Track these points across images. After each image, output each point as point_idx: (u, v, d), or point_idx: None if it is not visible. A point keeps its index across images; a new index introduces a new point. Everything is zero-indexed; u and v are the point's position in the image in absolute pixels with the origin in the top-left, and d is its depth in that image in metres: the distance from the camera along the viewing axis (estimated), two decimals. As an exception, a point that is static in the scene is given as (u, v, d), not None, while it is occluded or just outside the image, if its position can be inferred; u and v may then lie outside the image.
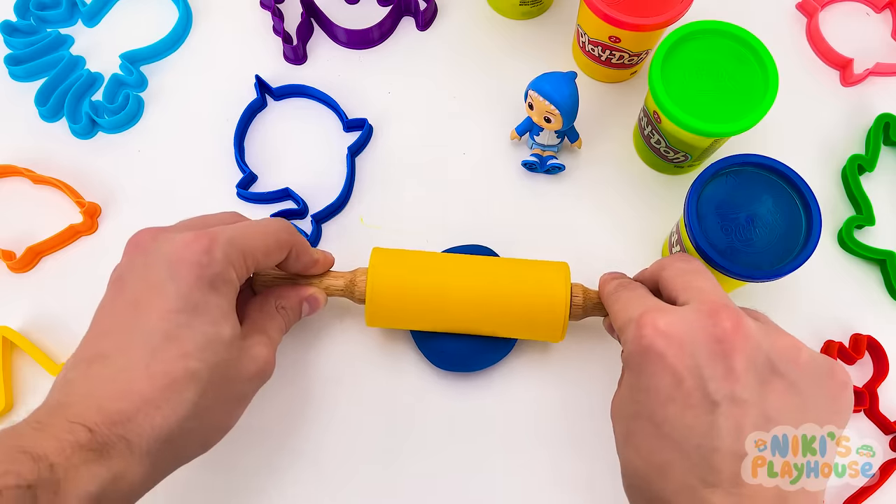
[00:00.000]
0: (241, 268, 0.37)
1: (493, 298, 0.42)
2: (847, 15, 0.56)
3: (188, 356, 0.33)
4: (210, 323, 0.35)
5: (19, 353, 0.47)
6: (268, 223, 0.40)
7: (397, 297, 0.42)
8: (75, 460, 0.30)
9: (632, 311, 0.35)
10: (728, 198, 0.42)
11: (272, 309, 0.41)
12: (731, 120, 0.43)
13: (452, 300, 0.42)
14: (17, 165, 0.51)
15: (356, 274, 0.43)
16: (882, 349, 0.47)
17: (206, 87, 0.54)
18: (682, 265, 0.37)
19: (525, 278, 0.43)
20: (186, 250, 0.35)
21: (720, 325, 0.32)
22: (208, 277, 0.35)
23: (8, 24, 0.54)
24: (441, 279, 0.43)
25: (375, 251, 0.44)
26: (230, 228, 0.37)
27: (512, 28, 0.56)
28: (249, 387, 0.38)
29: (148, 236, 0.37)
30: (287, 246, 0.40)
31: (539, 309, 0.42)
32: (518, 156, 0.52)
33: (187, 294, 0.34)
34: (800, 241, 0.41)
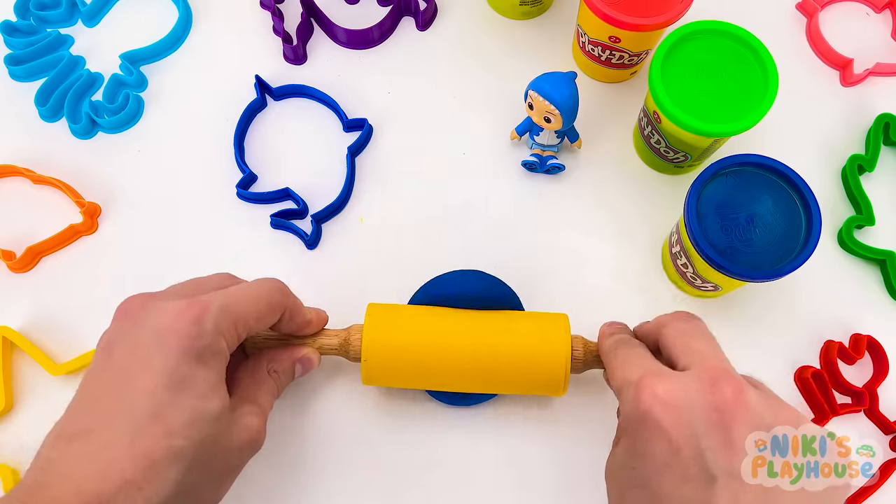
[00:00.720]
0: (232, 336, 0.36)
1: (494, 357, 0.41)
2: (847, 15, 0.56)
3: (172, 434, 0.32)
4: (197, 397, 0.33)
5: (19, 353, 0.47)
6: (261, 286, 0.38)
7: (395, 356, 0.41)
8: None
9: (630, 373, 0.34)
10: (728, 198, 0.42)
11: (264, 374, 0.39)
12: (731, 120, 0.43)
13: (452, 359, 0.41)
14: (17, 165, 0.51)
15: (350, 332, 0.42)
16: (882, 349, 0.47)
17: (206, 87, 0.54)
18: (683, 325, 0.37)
19: (525, 334, 0.42)
20: (176, 321, 0.34)
21: (720, 393, 0.31)
22: (197, 350, 0.34)
23: (8, 24, 0.54)
24: (439, 337, 0.42)
25: (371, 307, 0.43)
26: (221, 296, 0.36)
27: (512, 28, 0.56)
28: (239, 458, 0.37)
29: (138, 303, 0.36)
30: (280, 308, 0.39)
31: (540, 365, 0.41)
32: (518, 156, 0.52)
33: (174, 368, 0.33)
34: (800, 241, 0.41)
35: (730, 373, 0.33)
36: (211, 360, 0.34)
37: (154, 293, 0.37)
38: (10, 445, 0.45)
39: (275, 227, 0.50)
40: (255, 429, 0.37)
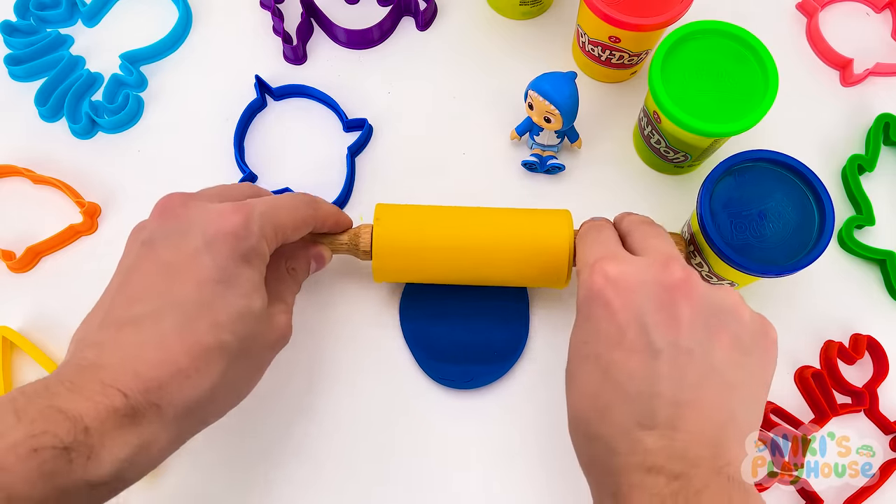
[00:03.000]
0: (272, 241, 0.38)
1: (499, 247, 0.43)
2: (847, 15, 0.56)
3: (221, 328, 0.34)
4: (243, 295, 0.35)
5: (19, 353, 0.47)
6: (294, 198, 0.41)
7: (403, 248, 0.43)
8: (109, 425, 0.30)
9: (590, 255, 0.37)
10: (737, 195, 0.42)
11: (284, 272, 0.41)
12: (731, 120, 0.43)
13: (459, 250, 0.43)
14: (17, 165, 0.51)
15: (360, 229, 0.44)
16: (882, 349, 0.47)
17: (206, 87, 0.54)
18: (647, 229, 0.39)
19: (529, 225, 0.43)
20: (224, 222, 0.35)
21: (670, 274, 0.33)
22: (243, 250, 0.35)
23: (8, 24, 0.54)
24: (446, 229, 0.43)
25: (379, 206, 0.44)
26: (262, 202, 0.38)
27: (512, 28, 0.56)
28: (271, 354, 0.39)
29: (179, 201, 0.37)
30: (313, 220, 0.41)
31: (544, 254, 0.43)
32: (518, 156, 0.52)
33: (223, 265, 0.35)
34: (813, 234, 0.41)
35: (681, 259, 0.35)
36: (255, 259, 0.36)
37: (192, 193, 0.38)
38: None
39: (275, 227, 0.50)
40: (286, 325, 0.39)
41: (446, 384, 0.46)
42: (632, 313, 0.33)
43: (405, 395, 0.46)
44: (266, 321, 0.37)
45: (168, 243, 0.35)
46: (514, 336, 0.47)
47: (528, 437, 0.45)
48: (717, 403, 0.31)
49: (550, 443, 0.44)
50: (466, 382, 0.46)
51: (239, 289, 0.35)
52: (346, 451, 0.45)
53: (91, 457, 0.30)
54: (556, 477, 0.44)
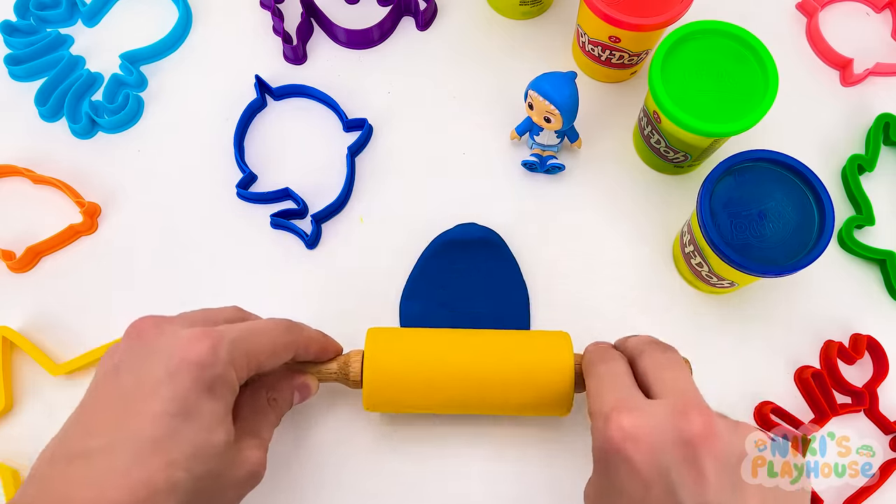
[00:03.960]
0: (243, 370, 0.35)
1: (497, 380, 0.41)
2: (847, 15, 0.56)
3: (174, 465, 0.31)
4: (203, 430, 0.33)
5: (19, 353, 0.47)
6: (272, 323, 0.38)
7: (396, 379, 0.41)
8: None
9: (603, 400, 0.34)
10: (737, 194, 0.42)
11: (264, 403, 0.39)
12: (731, 120, 0.43)
13: (454, 383, 0.41)
14: (17, 165, 0.51)
15: (350, 356, 0.41)
16: (882, 349, 0.47)
17: (206, 87, 0.54)
18: (660, 356, 0.36)
19: (528, 355, 0.41)
20: (189, 349, 0.33)
21: (689, 425, 0.31)
22: (208, 380, 0.33)
23: (8, 24, 0.54)
24: (440, 361, 0.41)
25: (371, 331, 0.42)
26: (236, 328, 0.36)
27: (512, 28, 0.56)
28: (238, 493, 0.36)
29: (151, 325, 0.35)
30: (293, 348, 0.38)
31: (544, 386, 0.41)
32: (518, 156, 0.52)
33: (183, 397, 0.32)
34: (813, 233, 0.41)
35: (699, 403, 0.33)
36: (221, 389, 0.34)
37: (167, 317, 0.36)
38: (9, 445, 0.45)
39: (275, 227, 0.50)
40: (257, 462, 0.36)
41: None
42: (655, 470, 0.30)
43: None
44: (231, 457, 0.34)
45: (131, 369, 0.33)
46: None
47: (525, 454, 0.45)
48: None
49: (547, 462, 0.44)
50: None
51: (199, 422, 0.32)
52: (344, 453, 0.45)
53: None
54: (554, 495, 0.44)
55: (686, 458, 0.30)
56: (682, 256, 0.47)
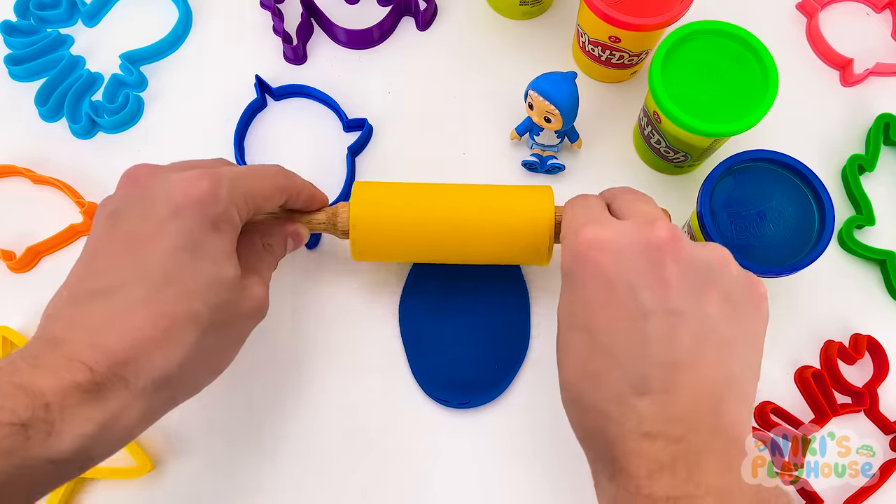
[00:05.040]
0: (244, 209, 0.36)
1: (479, 224, 0.42)
2: (847, 15, 0.56)
3: (191, 297, 0.33)
4: (213, 263, 0.34)
5: (19, 353, 0.47)
6: (266, 167, 0.40)
7: (381, 226, 0.42)
8: (72, 400, 0.29)
9: (575, 220, 0.35)
10: (737, 195, 0.42)
11: (259, 247, 0.40)
12: (731, 120, 0.43)
13: (438, 228, 0.42)
14: (17, 165, 0.51)
15: (338, 207, 0.43)
16: (882, 349, 0.47)
17: (206, 87, 0.54)
18: (632, 195, 0.38)
19: (510, 201, 0.43)
20: (191, 188, 0.34)
21: (655, 233, 0.32)
22: (212, 217, 0.34)
23: (8, 24, 0.54)
24: (425, 205, 0.42)
25: (357, 184, 0.44)
26: (233, 169, 0.37)
27: (512, 28, 0.56)
28: (246, 326, 0.37)
29: (146, 171, 0.36)
30: (286, 191, 0.40)
31: (525, 231, 0.42)
32: (518, 156, 0.52)
33: (190, 233, 0.33)
34: (813, 233, 0.41)
35: (666, 219, 0.34)
36: (225, 227, 0.35)
37: (160, 165, 0.37)
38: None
39: (275, 227, 0.50)
40: (262, 297, 0.37)
41: (443, 404, 0.46)
42: (619, 275, 0.32)
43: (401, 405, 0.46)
44: (240, 291, 0.36)
45: (134, 214, 0.34)
46: (514, 351, 0.46)
47: (527, 448, 0.45)
48: (713, 362, 0.31)
49: (550, 454, 0.44)
50: (464, 404, 0.45)
51: (209, 256, 0.34)
52: (340, 456, 0.45)
53: (51, 433, 0.29)
54: (556, 487, 0.44)
55: (650, 261, 0.31)
56: (682, 256, 0.47)
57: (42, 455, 0.29)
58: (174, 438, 0.45)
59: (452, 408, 0.46)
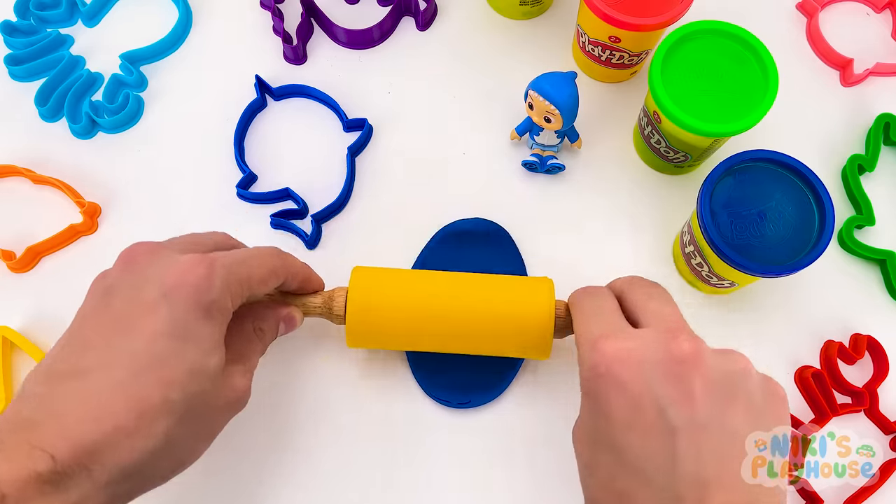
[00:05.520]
0: (237, 296, 0.36)
1: (477, 317, 0.41)
2: (847, 15, 0.56)
3: (170, 385, 0.32)
4: (199, 352, 0.33)
5: (19, 353, 0.47)
6: (262, 250, 0.39)
7: (378, 315, 0.41)
8: (30, 492, 0.28)
9: (590, 330, 0.34)
10: (737, 194, 0.42)
11: (250, 332, 0.39)
12: (731, 120, 0.43)
13: (435, 319, 0.41)
14: (17, 165, 0.51)
15: (335, 292, 0.42)
16: (882, 349, 0.47)
17: (206, 87, 0.54)
18: (647, 289, 0.37)
19: (509, 295, 0.42)
20: (186, 274, 0.33)
21: (678, 346, 0.31)
22: (204, 304, 0.33)
23: (8, 24, 0.54)
24: (423, 298, 0.42)
25: (356, 269, 0.43)
26: (230, 255, 0.36)
27: (512, 28, 0.56)
28: (223, 418, 0.36)
29: (145, 251, 0.35)
30: (282, 274, 0.39)
31: (524, 327, 0.41)
32: (518, 156, 0.52)
33: (180, 319, 0.33)
34: (814, 233, 0.41)
35: (687, 328, 0.33)
36: (217, 315, 0.34)
37: (159, 243, 0.37)
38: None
39: (275, 227, 0.50)
40: (243, 389, 0.37)
41: (444, 404, 0.46)
42: (644, 391, 0.31)
43: (401, 405, 0.46)
44: (221, 381, 0.35)
45: (126, 294, 0.34)
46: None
47: (527, 448, 0.45)
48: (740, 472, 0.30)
49: (550, 454, 0.44)
50: (464, 404, 0.45)
51: (195, 345, 0.33)
52: (340, 456, 0.45)
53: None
54: (556, 487, 0.44)
55: (675, 376, 0.31)
56: (682, 256, 0.47)
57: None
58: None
59: (452, 408, 0.46)
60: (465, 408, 0.45)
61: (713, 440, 0.30)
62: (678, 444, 0.30)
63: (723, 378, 0.31)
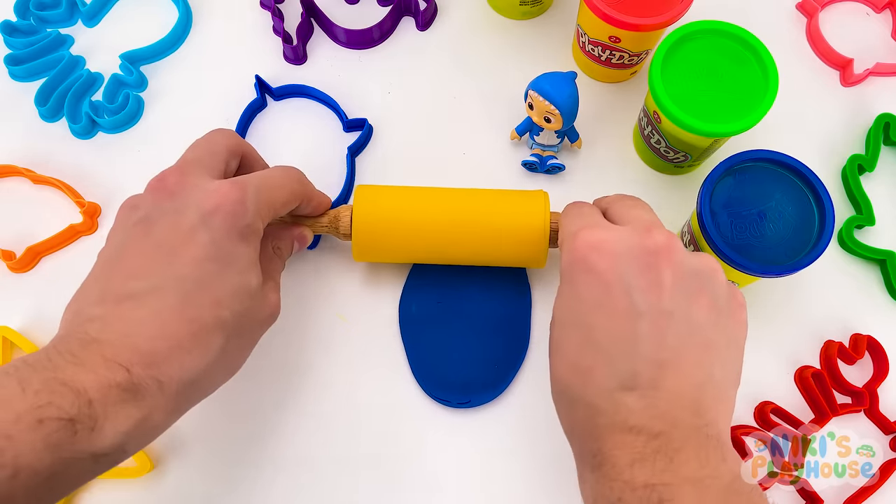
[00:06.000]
0: (266, 218, 0.38)
1: (477, 226, 0.43)
2: (847, 15, 0.56)
3: (220, 304, 0.34)
4: (239, 272, 0.36)
5: (19, 353, 0.47)
6: (283, 173, 0.41)
7: (381, 227, 0.44)
8: (112, 398, 0.31)
9: (573, 225, 0.37)
10: (737, 195, 0.42)
11: (270, 251, 0.42)
12: (731, 120, 0.43)
13: (436, 227, 0.43)
14: (17, 165, 0.51)
15: (340, 210, 0.45)
16: (882, 349, 0.47)
17: (206, 87, 0.54)
18: (629, 202, 0.39)
19: (507, 205, 0.44)
20: (220, 201, 0.36)
21: (653, 239, 0.34)
22: (240, 228, 0.36)
23: (8, 24, 0.54)
24: (424, 208, 0.44)
25: (359, 188, 0.45)
26: (255, 179, 0.38)
27: (512, 28, 0.56)
28: (261, 330, 0.39)
29: (175, 180, 0.37)
30: (301, 196, 0.42)
31: (521, 234, 0.43)
32: (518, 156, 0.52)
33: (219, 243, 0.35)
34: (813, 233, 0.41)
35: (662, 225, 0.36)
36: (251, 237, 0.37)
37: (183, 167, 0.38)
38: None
39: (275, 227, 0.50)
40: (276, 303, 0.40)
41: (444, 403, 0.46)
42: (615, 277, 0.33)
43: (401, 405, 0.46)
44: (260, 298, 0.38)
45: (165, 222, 0.36)
46: (514, 351, 0.46)
47: (527, 448, 0.45)
48: (695, 362, 0.32)
49: (550, 453, 0.44)
50: (464, 404, 0.46)
51: (236, 265, 0.36)
52: (340, 456, 0.45)
53: (95, 429, 0.30)
54: (555, 487, 0.44)
55: (646, 265, 0.33)
56: (682, 256, 0.47)
57: (87, 449, 0.30)
58: (174, 438, 0.45)
59: (452, 408, 0.46)
60: (465, 407, 0.46)
61: (675, 328, 0.32)
62: (641, 325, 0.32)
63: (691, 273, 0.33)
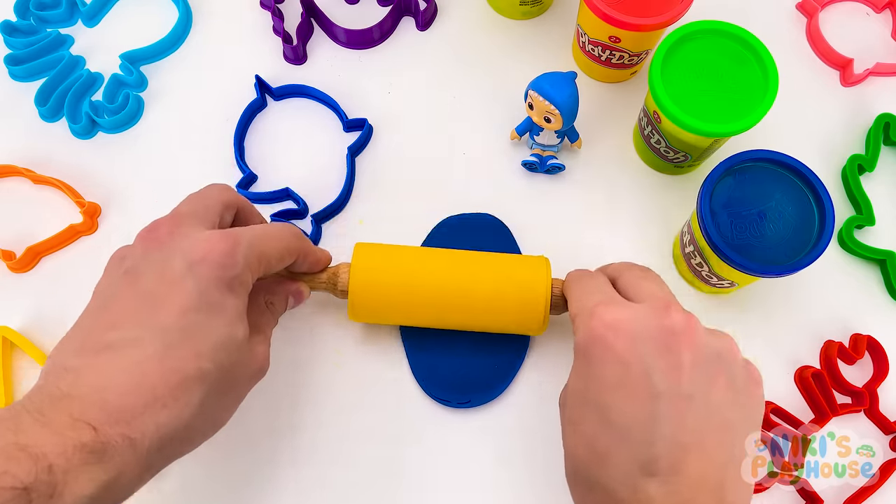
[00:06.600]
0: (256, 271, 0.37)
1: (475, 293, 0.42)
2: (847, 15, 0.56)
3: (202, 356, 0.33)
4: (226, 324, 0.35)
5: (19, 353, 0.47)
6: (280, 229, 0.40)
7: (379, 290, 0.43)
8: (75, 461, 0.29)
9: (587, 300, 0.36)
10: (737, 195, 0.42)
11: (263, 305, 0.41)
12: (731, 120, 0.43)
13: (434, 295, 0.42)
14: (17, 165, 0.51)
15: (339, 268, 0.44)
16: (882, 349, 0.47)
17: (206, 87, 0.54)
18: (639, 272, 0.38)
19: (507, 272, 0.43)
20: (210, 251, 0.35)
21: (672, 320, 0.33)
22: (228, 279, 0.35)
23: (8, 24, 0.54)
24: (423, 271, 0.43)
25: (358, 246, 0.44)
26: (249, 231, 0.37)
27: (512, 28, 0.56)
28: (248, 386, 0.38)
29: (165, 229, 0.36)
30: (297, 252, 0.40)
31: (520, 302, 0.42)
32: (518, 156, 0.52)
33: (206, 293, 0.34)
34: (814, 233, 0.41)
35: (679, 304, 0.35)
36: (239, 289, 0.36)
37: (175, 217, 0.37)
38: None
39: (275, 227, 0.50)
40: (265, 357, 0.39)
41: (444, 403, 0.46)
42: (634, 357, 0.32)
43: (401, 405, 0.46)
44: (247, 351, 0.37)
45: (151, 272, 0.35)
46: (514, 351, 0.46)
47: (527, 448, 0.45)
48: (717, 444, 0.31)
49: (550, 453, 0.44)
50: (464, 404, 0.46)
51: (223, 317, 0.35)
52: (340, 456, 0.45)
53: (54, 495, 0.28)
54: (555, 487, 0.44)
55: (665, 346, 0.32)
56: (682, 256, 0.47)
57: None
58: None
59: (452, 408, 0.46)
60: (465, 407, 0.46)
61: (695, 410, 0.31)
62: (660, 407, 0.31)
63: (711, 355, 0.33)
